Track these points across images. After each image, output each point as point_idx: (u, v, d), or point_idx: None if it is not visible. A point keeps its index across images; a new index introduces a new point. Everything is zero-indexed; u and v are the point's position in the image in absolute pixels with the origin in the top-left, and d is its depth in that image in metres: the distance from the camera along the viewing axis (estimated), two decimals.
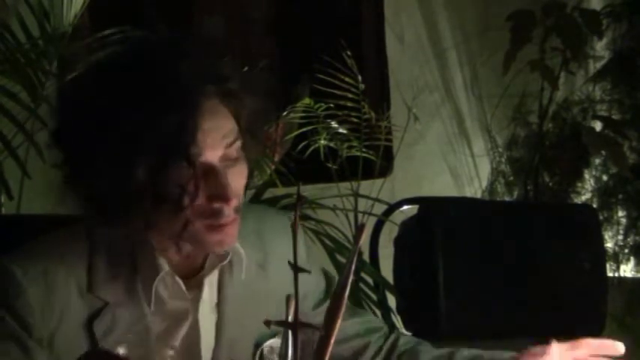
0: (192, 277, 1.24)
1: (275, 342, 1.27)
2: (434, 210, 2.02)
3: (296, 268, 0.97)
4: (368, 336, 1.40)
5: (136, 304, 1.19)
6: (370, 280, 2.21)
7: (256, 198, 2.17)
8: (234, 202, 1.15)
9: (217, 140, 1.13)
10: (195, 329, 1.24)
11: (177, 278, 1.20)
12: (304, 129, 2.57)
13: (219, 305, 1.26)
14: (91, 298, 1.17)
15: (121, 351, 1.17)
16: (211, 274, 1.24)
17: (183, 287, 1.21)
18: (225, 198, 1.13)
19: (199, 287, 1.24)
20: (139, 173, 1.09)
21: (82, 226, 1.21)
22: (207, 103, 1.12)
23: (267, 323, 1.08)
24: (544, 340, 1.28)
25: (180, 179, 1.10)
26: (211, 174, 1.12)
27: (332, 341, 0.94)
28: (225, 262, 1.23)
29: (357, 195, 2.59)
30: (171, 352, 1.23)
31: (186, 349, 1.24)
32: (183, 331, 1.23)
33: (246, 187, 1.21)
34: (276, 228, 1.31)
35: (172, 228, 1.15)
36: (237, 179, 1.16)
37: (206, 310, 1.25)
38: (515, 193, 3.29)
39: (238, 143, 1.16)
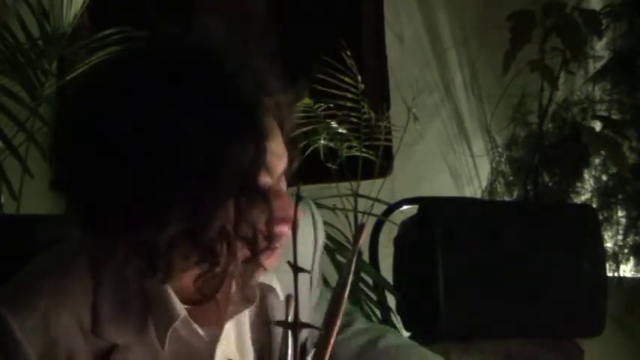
0: (209, 312, 1.10)
1: None
2: (434, 210, 2.02)
3: (296, 268, 0.97)
4: None
5: (147, 344, 1.06)
6: (370, 280, 2.21)
7: None
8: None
9: (281, 163, 1.02)
10: None
11: (195, 325, 1.07)
12: (304, 129, 2.56)
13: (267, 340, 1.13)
14: (97, 341, 1.05)
15: None
16: (235, 317, 1.12)
17: (201, 332, 1.09)
18: (289, 220, 0.99)
19: (217, 325, 1.11)
20: (215, 218, 0.94)
21: (83, 256, 1.06)
22: (267, 120, 0.98)
23: (267, 324, 1.08)
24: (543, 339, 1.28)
25: (254, 218, 0.97)
26: (276, 198, 1.00)
27: (332, 341, 0.93)
28: (253, 306, 1.11)
29: (356, 195, 2.59)
30: None
31: None
32: None
33: None
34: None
35: (231, 271, 1.01)
36: None
37: (223, 348, 1.13)
38: (515, 193, 3.29)
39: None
